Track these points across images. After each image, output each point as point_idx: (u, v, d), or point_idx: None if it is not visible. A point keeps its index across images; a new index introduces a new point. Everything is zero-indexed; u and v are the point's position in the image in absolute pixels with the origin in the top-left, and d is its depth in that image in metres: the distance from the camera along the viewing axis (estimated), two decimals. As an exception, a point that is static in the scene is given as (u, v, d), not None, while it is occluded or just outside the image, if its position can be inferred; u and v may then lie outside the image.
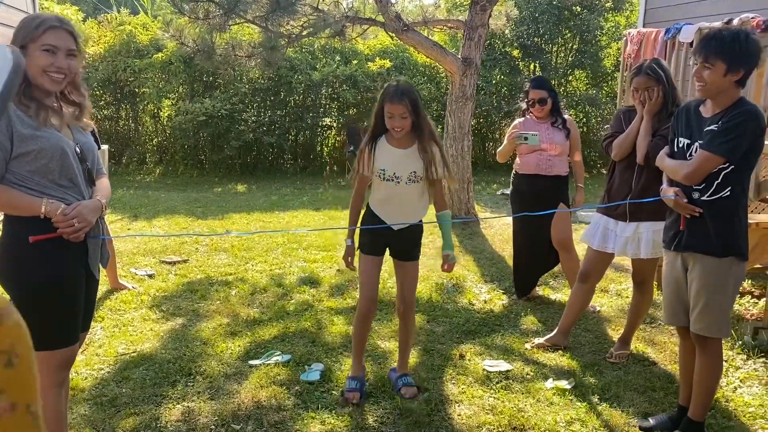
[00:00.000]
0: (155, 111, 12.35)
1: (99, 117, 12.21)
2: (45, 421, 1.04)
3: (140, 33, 11.51)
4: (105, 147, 9.34)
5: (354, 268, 3.39)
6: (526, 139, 4.39)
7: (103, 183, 2.50)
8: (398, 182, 3.14)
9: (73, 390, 3.35)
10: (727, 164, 2.66)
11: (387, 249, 3.34)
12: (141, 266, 5.67)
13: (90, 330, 4.19)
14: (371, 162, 3.18)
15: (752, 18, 4.69)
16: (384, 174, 3.14)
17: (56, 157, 2.23)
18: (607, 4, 12.76)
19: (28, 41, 2.19)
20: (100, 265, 2.49)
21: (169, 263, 5.76)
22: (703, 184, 2.72)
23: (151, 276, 5.41)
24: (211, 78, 11.59)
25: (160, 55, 11.12)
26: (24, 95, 2.22)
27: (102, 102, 12.17)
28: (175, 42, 6.73)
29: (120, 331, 4.19)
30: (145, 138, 12.64)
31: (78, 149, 2.35)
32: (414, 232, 3.30)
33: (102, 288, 5.02)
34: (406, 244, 3.31)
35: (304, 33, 6.58)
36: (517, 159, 4.72)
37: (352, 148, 10.95)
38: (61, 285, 2.28)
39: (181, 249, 6.22)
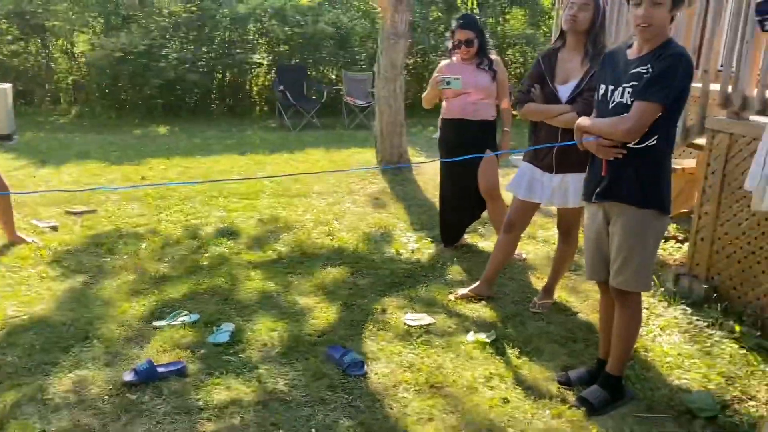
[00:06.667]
0: (68, 47, 11.43)
1: (5, 52, 11.24)
2: None
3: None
4: (8, 85, 8.64)
5: None
6: (448, 83, 4.15)
7: None
8: None
9: (-49, 360, 3.03)
10: None
11: None
12: (44, 217, 5.23)
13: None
14: None
15: None
16: None
17: None
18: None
19: None
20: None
21: (76, 214, 5.34)
22: None
23: (54, 228, 4.99)
24: (129, 12, 10.74)
25: (69, -16, 10.21)
26: None
27: (9, 36, 11.17)
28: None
29: (12, 291, 3.83)
30: (59, 76, 11.74)
31: None
32: None
33: (-3, 242, 4.62)
34: None
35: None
36: (443, 104, 4.49)
37: (282, 88, 10.45)
38: None
39: (90, 198, 5.78)
